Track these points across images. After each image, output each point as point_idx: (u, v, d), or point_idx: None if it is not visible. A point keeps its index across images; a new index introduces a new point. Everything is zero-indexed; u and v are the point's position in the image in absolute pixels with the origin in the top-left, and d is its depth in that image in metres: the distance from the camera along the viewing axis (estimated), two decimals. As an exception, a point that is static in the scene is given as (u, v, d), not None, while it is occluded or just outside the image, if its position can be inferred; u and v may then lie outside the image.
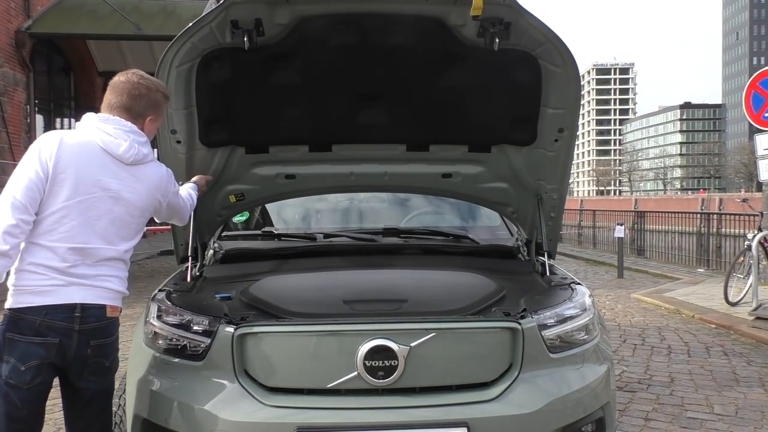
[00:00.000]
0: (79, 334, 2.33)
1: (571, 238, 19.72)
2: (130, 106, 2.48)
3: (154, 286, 3.10)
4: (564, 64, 2.90)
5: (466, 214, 4.45)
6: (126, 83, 2.49)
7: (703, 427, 4.22)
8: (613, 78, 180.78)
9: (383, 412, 2.41)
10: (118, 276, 2.49)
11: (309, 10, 2.74)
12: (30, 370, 2.27)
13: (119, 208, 2.44)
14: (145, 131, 2.54)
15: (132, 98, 2.47)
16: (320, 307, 2.77)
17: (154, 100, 2.53)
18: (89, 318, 2.35)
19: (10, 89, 12.89)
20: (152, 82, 2.55)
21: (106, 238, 2.41)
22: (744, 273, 8.30)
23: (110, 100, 2.49)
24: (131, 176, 2.46)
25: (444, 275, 3.33)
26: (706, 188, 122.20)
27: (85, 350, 2.36)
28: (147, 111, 2.52)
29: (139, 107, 2.49)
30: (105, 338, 2.43)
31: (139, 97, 2.48)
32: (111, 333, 2.47)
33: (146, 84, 2.51)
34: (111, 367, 2.51)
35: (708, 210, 15.07)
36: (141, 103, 2.49)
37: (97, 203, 2.38)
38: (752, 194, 32.44)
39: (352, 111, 3.22)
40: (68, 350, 2.33)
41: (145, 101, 2.50)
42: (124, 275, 2.53)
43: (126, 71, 2.54)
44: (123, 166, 2.44)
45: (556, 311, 2.72)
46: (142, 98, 2.49)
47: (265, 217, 4.41)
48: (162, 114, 2.65)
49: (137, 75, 2.52)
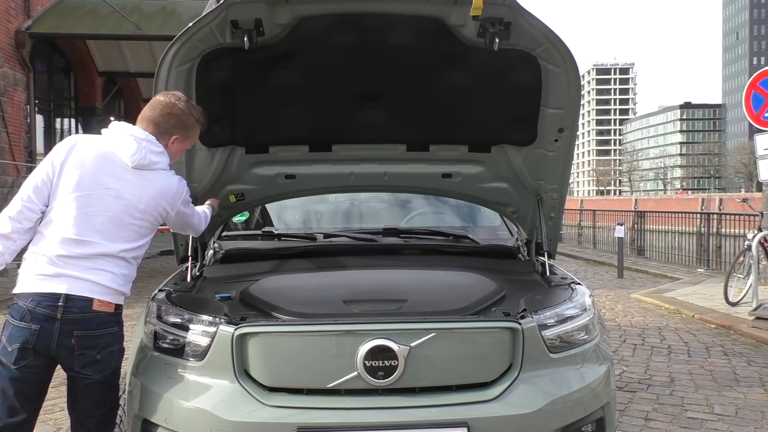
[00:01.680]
0: (61, 323, 2.42)
1: (571, 238, 19.73)
2: (159, 121, 2.63)
3: (154, 286, 3.11)
4: (564, 64, 2.90)
5: (466, 214, 4.45)
6: (162, 102, 2.66)
7: (703, 427, 4.22)
8: (613, 78, 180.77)
9: (383, 412, 2.41)
10: (114, 273, 2.51)
11: (309, 10, 2.74)
12: (14, 352, 2.42)
13: (118, 207, 2.52)
14: (170, 149, 2.68)
15: (162, 115, 2.63)
16: (320, 307, 2.77)
17: (184, 122, 2.67)
18: (72, 309, 2.42)
19: (10, 89, 12.90)
20: (188, 107, 2.69)
21: (103, 234, 2.49)
22: (744, 273, 8.29)
23: (144, 113, 2.66)
24: (136, 179, 2.55)
25: (444, 275, 3.33)
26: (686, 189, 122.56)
27: (69, 340, 2.43)
28: (174, 130, 2.66)
29: (166, 124, 2.64)
30: (90, 330, 2.46)
31: (170, 115, 2.64)
32: (98, 326, 2.47)
33: (181, 106, 2.66)
34: (105, 361, 2.51)
35: (708, 210, 15.07)
36: (170, 121, 2.64)
37: (97, 200, 2.50)
38: (752, 194, 32.42)
39: (352, 111, 3.22)
40: (50, 338, 2.41)
41: (174, 120, 2.65)
42: (122, 273, 2.54)
43: (170, 93, 2.73)
44: (129, 169, 2.54)
45: (556, 311, 2.72)
46: (173, 117, 2.64)
47: (265, 217, 4.41)
48: (191, 138, 2.77)
49: (176, 97, 2.68)
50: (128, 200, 2.52)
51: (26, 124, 13.68)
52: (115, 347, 2.56)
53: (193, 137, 2.80)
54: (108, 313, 2.50)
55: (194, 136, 2.80)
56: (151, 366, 2.65)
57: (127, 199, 2.52)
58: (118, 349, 2.59)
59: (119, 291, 2.54)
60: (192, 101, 2.79)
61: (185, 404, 2.48)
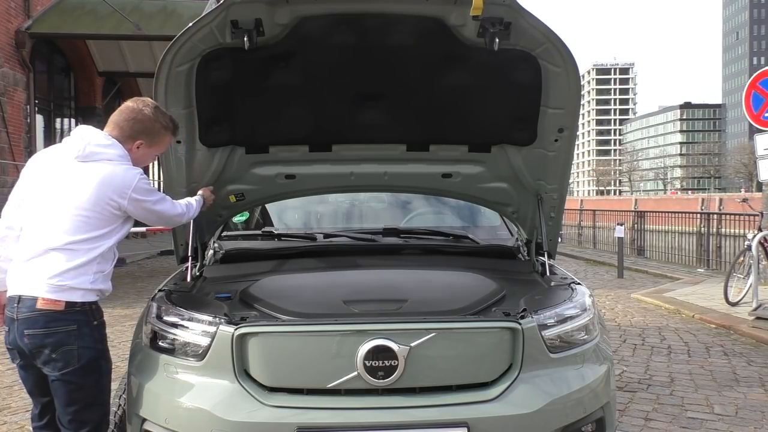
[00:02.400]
0: (18, 324, 2.51)
1: (571, 238, 19.73)
2: (123, 126, 2.66)
3: (154, 286, 3.11)
4: (564, 64, 2.90)
5: (466, 214, 4.45)
6: (130, 107, 2.69)
7: (703, 427, 4.22)
8: (613, 78, 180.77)
9: (383, 412, 2.41)
10: (61, 267, 2.48)
11: (309, 10, 2.74)
12: (9, 353, 2.63)
13: (61, 200, 2.54)
14: (135, 154, 2.69)
15: (127, 120, 2.67)
16: (320, 307, 2.77)
17: (149, 127, 2.69)
18: (22, 308, 2.49)
19: (10, 89, 12.90)
20: (155, 112, 2.70)
21: (49, 228, 2.52)
22: (744, 273, 8.29)
23: (112, 117, 2.70)
24: (79, 172, 2.56)
25: (444, 275, 3.33)
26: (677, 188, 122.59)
27: (23, 339, 2.50)
28: (139, 135, 2.68)
29: (131, 129, 2.66)
30: (37, 329, 2.47)
31: (135, 120, 2.67)
32: (44, 325, 2.46)
33: (147, 112, 2.68)
34: (62, 359, 2.48)
35: (708, 210, 15.08)
36: (135, 126, 2.66)
37: (45, 197, 2.57)
38: (752, 194, 32.42)
39: (352, 111, 3.22)
40: (15, 338, 2.53)
41: (139, 126, 2.67)
42: (72, 266, 2.49)
43: (140, 99, 2.73)
44: (74, 163, 2.56)
45: (556, 311, 2.71)
46: (137, 122, 2.67)
47: (265, 217, 4.41)
48: (158, 143, 2.77)
49: (144, 103, 2.70)
50: (70, 192, 2.53)
51: (26, 124, 13.68)
52: (71, 346, 2.49)
53: (162, 143, 2.79)
54: (57, 311, 2.46)
55: (163, 143, 2.79)
56: (151, 366, 2.64)
57: (69, 191, 2.53)
58: (80, 348, 2.50)
59: (70, 287, 2.48)
60: (163, 108, 2.79)
61: (185, 404, 2.48)
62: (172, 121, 2.77)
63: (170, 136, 2.81)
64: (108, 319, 2.72)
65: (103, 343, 2.61)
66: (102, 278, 2.58)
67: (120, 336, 6.58)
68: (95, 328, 2.56)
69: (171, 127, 2.77)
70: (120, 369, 2.62)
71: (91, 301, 2.55)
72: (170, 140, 2.85)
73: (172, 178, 3.25)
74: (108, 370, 2.65)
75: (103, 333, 2.63)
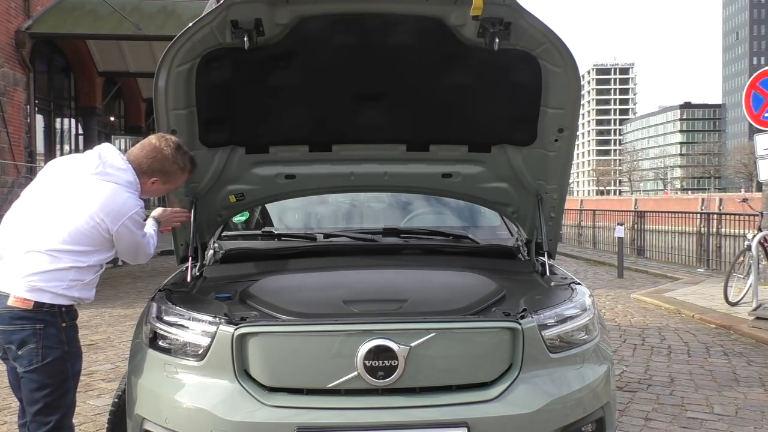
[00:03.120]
0: None
1: (571, 238, 19.73)
2: (142, 162, 2.73)
3: (154, 286, 3.11)
4: (564, 64, 2.90)
5: (466, 214, 4.45)
6: (152, 145, 2.76)
7: (703, 427, 4.22)
8: (613, 78, 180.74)
9: (383, 412, 2.41)
10: (36, 269, 2.51)
11: (309, 10, 2.74)
12: None
13: (63, 209, 2.56)
14: (147, 188, 2.77)
15: (147, 157, 2.74)
16: (320, 307, 2.77)
17: (165, 168, 2.77)
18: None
19: (10, 89, 12.90)
20: (175, 154, 2.77)
21: (39, 232, 2.55)
22: (744, 273, 8.29)
23: (133, 150, 2.78)
24: (85, 184, 2.59)
25: (444, 275, 3.33)
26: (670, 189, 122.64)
27: None
28: (154, 173, 2.76)
29: (148, 166, 2.73)
30: (4, 325, 2.52)
31: (154, 159, 2.74)
32: (10, 322, 2.50)
33: (167, 153, 2.75)
34: (26, 357, 2.51)
35: (708, 210, 15.08)
36: (153, 164, 2.74)
37: (47, 201, 2.60)
38: (752, 194, 32.43)
39: (352, 111, 3.22)
40: None
41: (157, 165, 2.75)
42: (47, 270, 2.51)
43: (163, 137, 2.80)
44: (85, 175, 2.60)
45: (556, 311, 2.71)
46: (156, 161, 2.74)
47: (265, 217, 4.41)
48: (173, 182, 2.85)
49: (167, 143, 2.77)
50: (71, 203, 2.56)
51: (26, 124, 13.68)
52: (34, 345, 2.51)
53: (176, 182, 2.88)
54: (24, 310, 2.49)
55: (177, 182, 2.89)
56: (151, 366, 2.64)
57: (70, 202, 2.56)
58: (44, 347, 2.51)
59: (40, 288, 2.50)
60: (184, 149, 2.82)
61: (185, 404, 2.48)
62: (191, 161, 2.86)
63: (186, 176, 2.89)
64: (108, 319, 2.74)
65: (70, 345, 2.59)
66: (80, 287, 2.59)
67: (120, 336, 6.58)
68: (63, 329, 2.56)
69: (189, 168, 2.85)
70: (120, 369, 2.62)
71: (61, 305, 2.54)
72: (185, 179, 2.93)
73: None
74: (74, 373, 2.63)
75: (73, 336, 2.62)
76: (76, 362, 2.63)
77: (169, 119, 3.01)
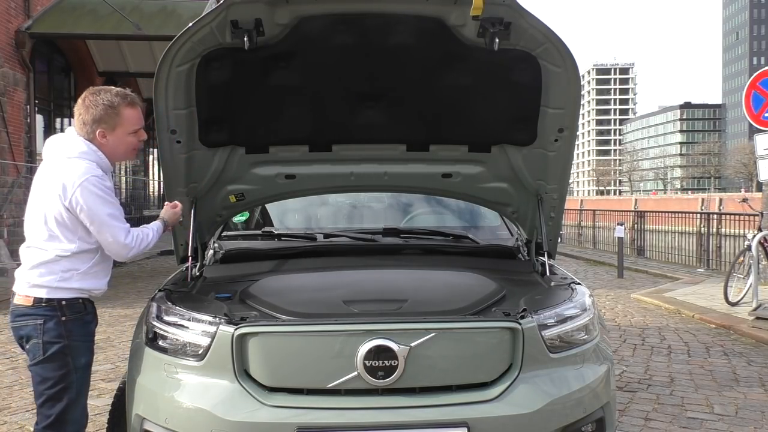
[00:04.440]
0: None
1: (571, 238, 19.72)
2: (80, 126, 2.67)
3: (154, 286, 3.11)
4: (564, 64, 2.90)
5: (466, 214, 4.45)
6: (77, 105, 2.68)
7: (703, 427, 4.22)
8: (613, 78, 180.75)
9: (383, 412, 2.41)
10: (31, 264, 2.59)
11: (309, 10, 2.74)
12: None
13: (37, 200, 2.63)
14: (106, 147, 2.67)
15: (80, 117, 2.67)
16: (320, 307, 2.77)
17: (95, 114, 2.64)
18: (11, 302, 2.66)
19: (10, 89, 12.89)
20: (93, 97, 2.64)
21: (27, 228, 2.65)
22: (744, 273, 8.29)
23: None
24: (50, 171, 2.62)
25: (444, 275, 3.33)
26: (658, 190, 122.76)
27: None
28: (94, 125, 2.65)
29: (84, 123, 2.65)
30: (12, 321, 2.64)
31: (85, 114, 2.65)
32: (16, 318, 2.61)
33: (86, 103, 2.65)
34: (31, 352, 2.59)
35: (708, 210, 15.08)
36: (87, 119, 2.65)
37: (31, 196, 2.67)
38: (752, 194, 32.43)
39: (352, 111, 3.22)
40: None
41: (89, 117, 2.65)
42: (39, 263, 2.57)
43: (86, 92, 2.68)
44: (50, 164, 2.63)
45: (556, 311, 2.71)
46: (87, 115, 2.65)
47: (265, 217, 4.41)
48: (122, 123, 2.67)
49: (82, 97, 2.67)
50: (42, 191, 2.60)
51: (26, 124, 13.68)
52: (36, 340, 2.56)
53: (125, 120, 2.66)
54: (26, 306, 2.57)
55: (126, 119, 2.66)
56: (152, 366, 2.64)
57: (41, 191, 2.61)
58: (45, 342, 2.55)
59: (35, 284, 2.56)
60: (107, 88, 2.72)
61: (185, 404, 2.48)
62: (120, 94, 2.65)
63: (128, 110, 2.67)
64: (108, 318, 2.75)
65: (72, 338, 2.59)
66: (78, 277, 2.59)
67: (120, 336, 6.56)
68: (63, 323, 2.57)
69: (119, 101, 2.64)
70: (120, 369, 2.62)
71: (60, 298, 2.56)
72: (133, 113, 2.68)
73: (171, 178, 3.25)
74: (78, 367, 2.62)
75: (76, 330, 2.61)
76: (79, 356, 2.62)
77: (169, 119, 3.01)
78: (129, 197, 21.54)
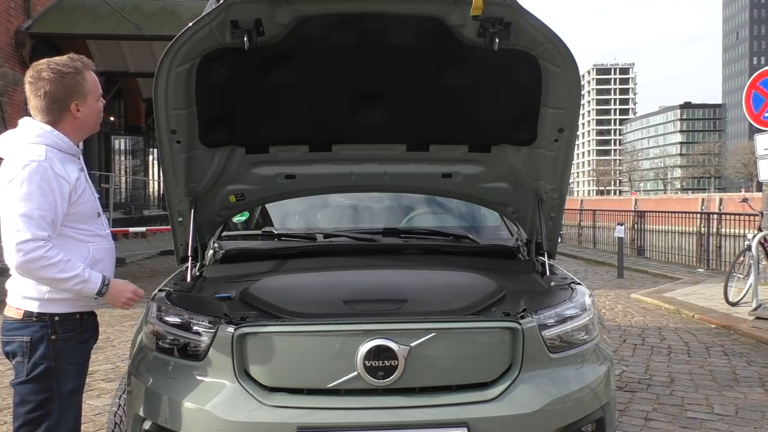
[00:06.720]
0: None
1: (571, 238, 19.72)
2: (41, 105, 2.38)
3: (154, 286, 3.11)
4: (564, 64, 2.90)
5: (466, 214, 4.45)
6: (30, 86, 2.37)
7: (703, 427, 4.22)
8: (613, 78, 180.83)
9: (383, 412, 2.41)
10: (16, 276, 2.36)
11: (309, 10, 2.74)
12: None
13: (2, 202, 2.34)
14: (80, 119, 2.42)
15: (39, 98, 2.37)
16: (320, 307, 2.77)
17: (68, 86, 2.38)
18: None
19: (10, 89, 12.90)
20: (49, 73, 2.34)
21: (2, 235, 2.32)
22: (744, 273, 8.30)
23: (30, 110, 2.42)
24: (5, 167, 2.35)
25: (444, 275, 3.33)
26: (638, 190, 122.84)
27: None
28: (67, 99, 2.38)
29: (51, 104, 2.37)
30: (3, 334, 2.41)
31: (53, 88, 2.36)
32: (5, 332, 2.38)
33: (47, 76, 2.35)
34: (15, 369, 2.38)
35: (708, 210, 15.09)
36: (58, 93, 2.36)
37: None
38: (752, 194, 32.43)
39: (352, 111, 3.22)
40: None
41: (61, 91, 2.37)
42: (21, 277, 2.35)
43: (31, 70, 2.39)
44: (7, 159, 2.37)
45: (556, 311, 2.71)
46: (46, 94, 2.36)
47: (265, 217, 4.41)
48: (88, 90, 2.44)
49: (34, 69, 2.38)
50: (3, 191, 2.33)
51: (26, 124, 13.67)
52: (20, 359, 2.35)
53: (93, 85, 2.45)
54: (16, 320, 2.35)
55: (93, 83, 2.45)
56: (151, 366, 2.64)
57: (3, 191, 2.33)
58: (30, 363, 2.32)
59: (24, 296, 2.35)
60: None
61: (185, 404, 2.48)
62: (75, 59, 2.43)
63: (89, 73, 2.45)
64: (108, 319, 2.73)
65: (59, 361, 2.35)
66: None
67: (120, 336, 6.56)
68: (52, 343, 2.33)
69: (78, 65, 2.40)
70: (120, 369, 2.62)
71: (52, 313, 2.34)
72: (94, 76, 2.47)
73: (171, 178, 3.25)
74: (62, 393, 2.38)
75: (66, 351, 2.37)
76: (66, 381, 2.38)
77: (169, 119, 3.01)
78: (129, 197, 21.52)
